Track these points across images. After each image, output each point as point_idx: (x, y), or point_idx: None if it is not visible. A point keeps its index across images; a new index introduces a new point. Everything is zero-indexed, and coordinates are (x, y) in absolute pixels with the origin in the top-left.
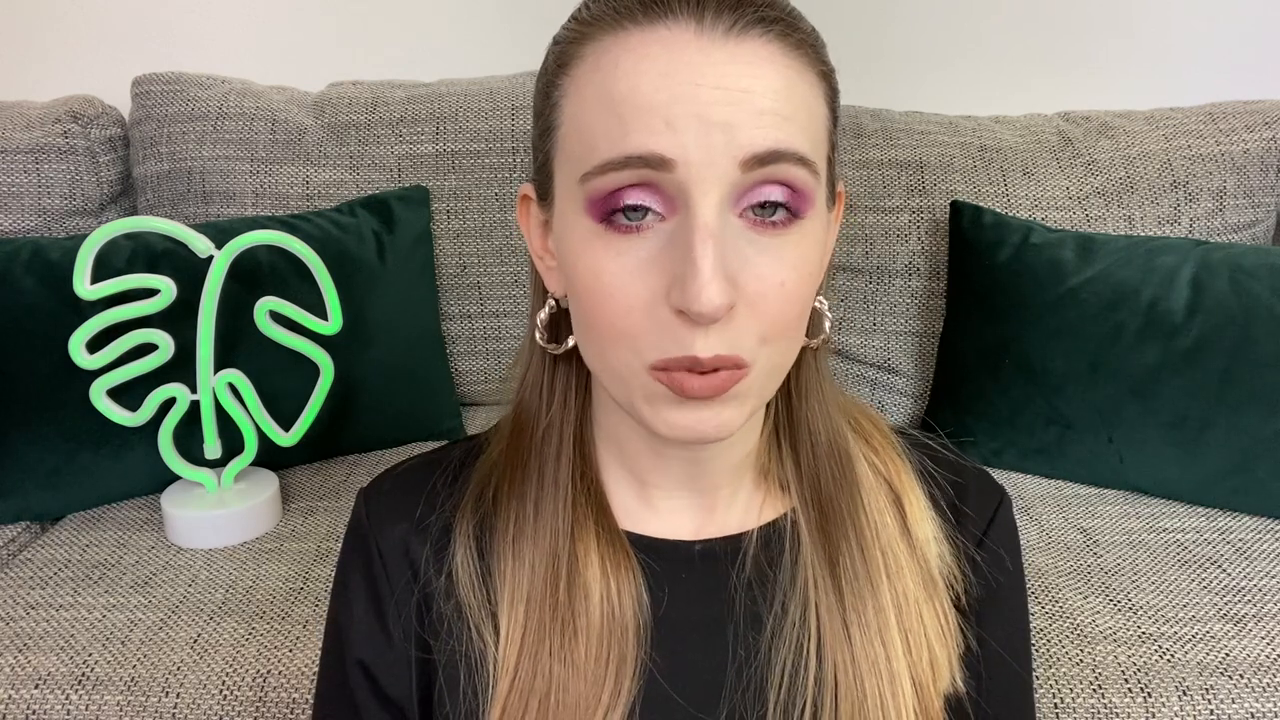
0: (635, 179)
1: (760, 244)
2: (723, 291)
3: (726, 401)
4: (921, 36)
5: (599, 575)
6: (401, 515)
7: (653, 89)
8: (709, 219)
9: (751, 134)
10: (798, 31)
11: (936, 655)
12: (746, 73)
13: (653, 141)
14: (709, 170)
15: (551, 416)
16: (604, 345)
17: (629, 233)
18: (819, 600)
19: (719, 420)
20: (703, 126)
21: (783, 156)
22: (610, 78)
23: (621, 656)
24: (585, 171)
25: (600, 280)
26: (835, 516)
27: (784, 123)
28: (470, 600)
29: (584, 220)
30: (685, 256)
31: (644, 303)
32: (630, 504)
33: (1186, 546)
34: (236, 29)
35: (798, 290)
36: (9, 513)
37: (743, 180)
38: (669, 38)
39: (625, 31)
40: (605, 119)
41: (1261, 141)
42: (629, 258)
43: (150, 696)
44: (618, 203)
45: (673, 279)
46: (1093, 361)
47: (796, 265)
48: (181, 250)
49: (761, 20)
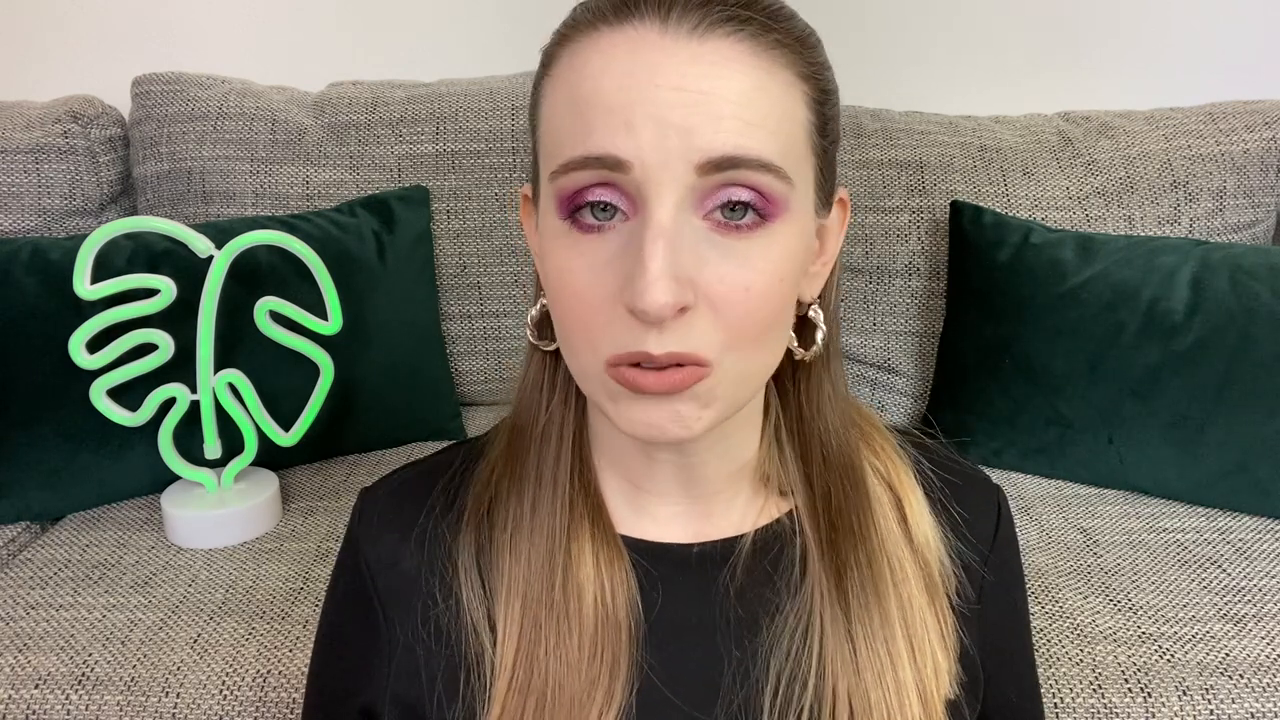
0: (596, 179)
1: (724, 247)
2: (669, 290)
3: (686, 399)
4: (922, 37)
5: (592, 574)
6: (393, 525)
7: (614, 89)
8: (662, 220)
9: (710, 138)
10: (774, 31)
11: (939, 661)
12: (709, 74)
13: (609, 143)
14: (664, 173)
15: (550, 415)
16: (571, 341)
17: (592, 232)
18: (823, 611)
19: (678, 417)
20: (659, 128)
21: (742, 163)
22: (579, 78)
23: (615, 655)
24: (553, 170)
25: (564, 279)
26: (844, 529)
27: (746, 127)
28: (469, 603)
29: (555, 219)
30: (637, 256)
31: (602, 301)
32: (625, 509)
33: (1186, 546)
34: (236, 29)
35: (765, 295)
36: (9, 513)
37: (701, 184)
38: (635, 37)
39: (597, 32)
40: (571, 119)
41: (1261, 141)
42: (591, 257)
43: (150, 696)
44: (581, 200)
45: (624, 279)
46: (1093, 361)
47: (763, 270)
48: (181, 250)
49: (730, 19)
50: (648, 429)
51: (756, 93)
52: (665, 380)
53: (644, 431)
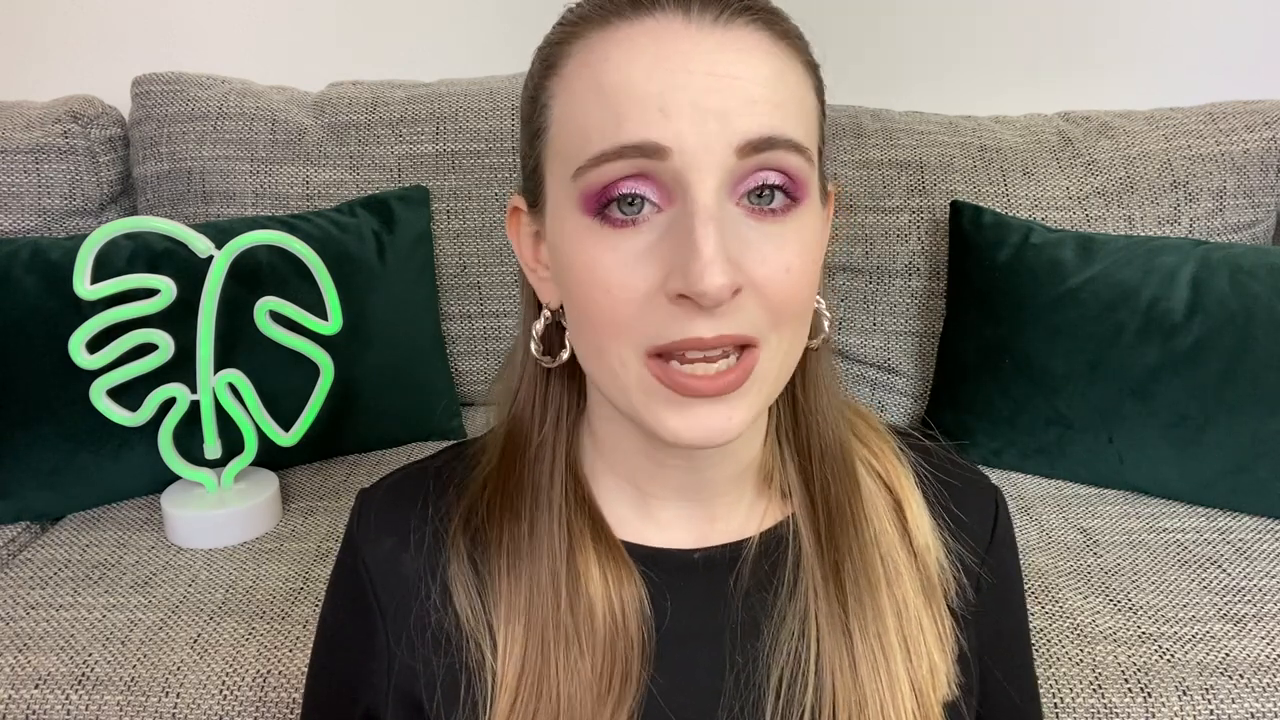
0: (631, 169)
1: (762, 230)
2: (725, 272)
3: (734, 399)
4: (923, 36)
5: (601, 588)
6: (391, 529)
7: (645, 77)
8: (708, 203)
9: (746, 120)
10: (783, 24)
11: (935, 662)
12: (737, 59)
13: (647, 130)
14: (706, 157)
15: (544, 434)
16: (600, 341)
17: (624, 226)
18: (818, 608)
19: (728, 420)
20: (697, 113)
21: (777, 143)
22: (601, 70)
23: (626, 667)
24: (579, 166)
25: (595, 274)
26: (840, 522)
27: (776, 109)
28: (466, 612)
29: (578, 217)
30: (686, 241)
31: (641, 295)
32: (629, 515)
33: (1186, 546)
34: (236, 29)
35: (803, 275)
36: (9, 513)
37: (739, 167)
38: (657, 28)
39: (613, 27)
40: (598, 111)
41: (1261, 141)
42: (624, 251)
43: (150, 696)
44: (612, 194)
45: (672, 267)
46: (1093, 361)
47: (799, 251)
48: (181, 250)
49: (747, 10)
50: (691, 434)
51: (780, 77)
52: (716, 382)
53: (689, 437)
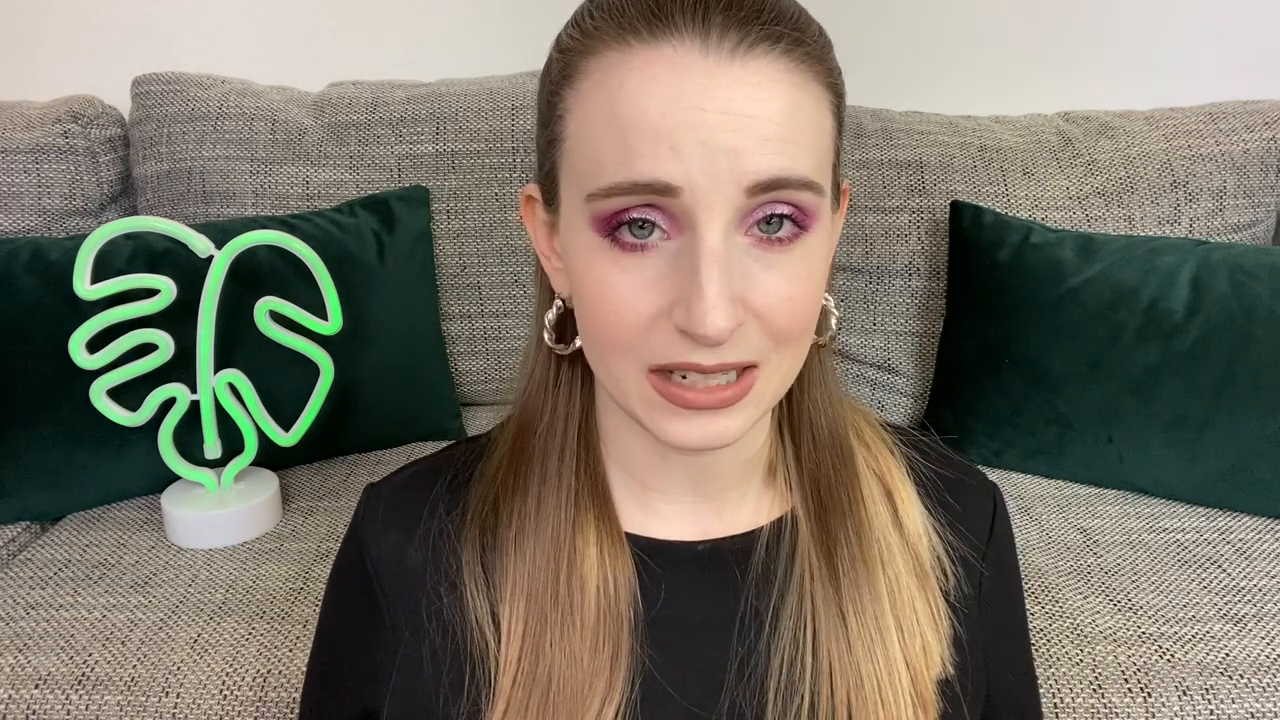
0: (640, 202)
1: (766, 260)
2: (728, 315)
3: (731, 413)
4: (922, 36)
5: (595, 567)
6: (397, 523)
7: (659, 114)
8: (714, 243)
9: (756, 160)
10: (804, 43)
11: (929, 641)
12: (753, 96)
13: (658, 169)
14: (715, 195)
15: (555, 415)
16: (605, 354)
17: (634, 250)
18: (815, 591)
19: (724, 431)
20: (708, 152)
21: (787, 184)
22: (616, 98)
23: (616, 648)
24: (590, 192)
25: (605, 294)
26: (835, 506)
27: (788, 147)
28: (473, 600)
29: (590, 235)
30: (690, 280)
31: (647, 318)
32: (631, 507)
33: (1186, 546)
34: (236, 29)
35: (805, 301)
36: (9, 513)
37: (747, 205)
38: (674, 57)
39: (629, 48)
40: (611, 142)
41: (1261, 141)
42: (634, 274)
43: (150, 696)
44: (623, 219)
45: (676, 299)
46: (1093, 361)
47: (803, 279)
48: (181, 250)
49: (768, 37)
50: (691, 438)
51: (795, 112)
52: (714, 396)
53: (689, 441)
